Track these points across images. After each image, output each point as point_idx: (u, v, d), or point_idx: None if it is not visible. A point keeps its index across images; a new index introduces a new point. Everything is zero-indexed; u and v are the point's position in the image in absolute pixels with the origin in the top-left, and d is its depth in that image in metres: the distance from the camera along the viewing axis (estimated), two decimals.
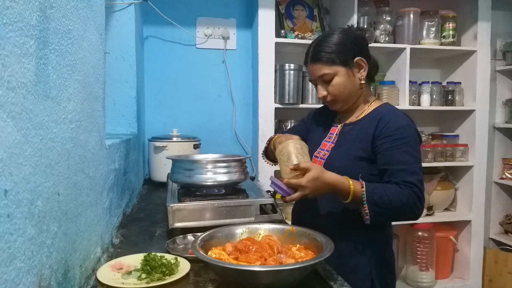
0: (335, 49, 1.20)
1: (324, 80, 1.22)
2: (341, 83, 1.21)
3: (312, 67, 1.24)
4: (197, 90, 2.48)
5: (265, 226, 1.08)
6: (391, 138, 1.14)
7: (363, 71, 1.23)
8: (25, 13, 0.54)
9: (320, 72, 1.21)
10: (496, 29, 2.67)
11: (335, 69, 1.20)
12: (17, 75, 0.52)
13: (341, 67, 1.20)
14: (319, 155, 1.29)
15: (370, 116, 1.23)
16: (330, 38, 1.22)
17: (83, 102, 0.85)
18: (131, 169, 1.66)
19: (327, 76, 1.21)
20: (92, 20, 0.94)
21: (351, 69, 1.22)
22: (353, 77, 1.22)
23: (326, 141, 1.31)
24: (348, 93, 1.23)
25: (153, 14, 2.29)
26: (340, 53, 1.20)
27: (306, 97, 2.40)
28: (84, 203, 0.87)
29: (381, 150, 1.15)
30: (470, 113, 2.60)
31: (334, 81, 1.21)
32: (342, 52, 1.20)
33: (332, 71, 1.20)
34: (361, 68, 1.23)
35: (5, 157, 0.48)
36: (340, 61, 1.20)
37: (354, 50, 1.21)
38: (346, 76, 1.21)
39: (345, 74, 1.21)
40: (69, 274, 0.75)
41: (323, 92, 1.24)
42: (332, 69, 1.20)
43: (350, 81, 1.22)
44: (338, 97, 1.23)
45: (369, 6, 2.46)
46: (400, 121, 1.16)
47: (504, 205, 2.93)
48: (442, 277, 2.66)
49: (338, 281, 0.91)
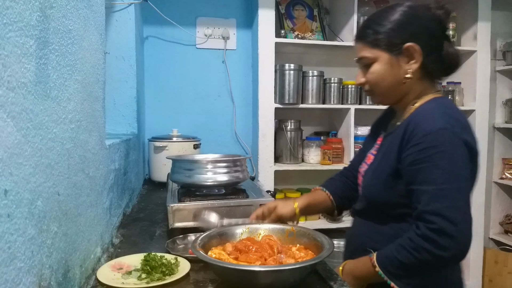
0: (385, 29, 0.96)
1: (363, 63, 1.01)
2: (379, 71, 0.98)
3: (356, 46, 1.03)
4: (197, 90, 2.48)
5: (265, 226, 1.08)
6: (417, 148, 0.88)
7: (413, 63, 0.96)
8: (25, 13, 0.54)
9: (360, 53, 1.01)
10: (496, 29, 2.67)
11: (377, 54, 0.98)
12: (17, 75, 0.52)
13: (384, 52, 0.97)
14: (361, 171, 1.11)
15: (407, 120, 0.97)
16: (386, 14, 0.98)
17: (83, 102, 0.85)
18: (131, 169, 1.66)
19: (365, 60, 1.00)
20: (92, 20, 0.94)
21: (396, 57, 0.97)
22: (397, 67, 0.97)
23: (371, 153, 1.09)
24: (387, 86, 1.00)
25: (153, 14, 2.29)
26: (388, 35, 0.96)
27: (306, 97, 2.40)
28: (84, 203, 0.87)
29: (406, 165, 0.91)
30: (470, 113, 2.60)
31: (373, 68, 0.99)
32: (392, 33, 0.96)
33: (372, 55, 0.98)
34: (411, 58, 0.96)
35: (5, 157, 0.48)
36: (385, 45, 0.96)
37: (410, 33, 0.95)
38: (388, 65, 0.97)
39: (388, 61, 0.97)
40: (69, 274, 0.75)
41: (361, 79, 1.03)
42: (373, 52, 0.98)
43: (391, 72, 0.98)
44: (375, 88, 1.02)
45: (369, 6, 2.46)
46: (431, 123, 0.89)
47: (504, 205, 2.93)
48: None
49: (338, 281, 0.91)
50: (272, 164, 2.31)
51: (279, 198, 2.13)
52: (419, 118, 0.93)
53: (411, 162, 0.90)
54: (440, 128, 0.88)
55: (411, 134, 0.91)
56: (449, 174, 0.86)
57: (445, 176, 0.86)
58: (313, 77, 2.38)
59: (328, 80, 2.43)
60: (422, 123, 0.91)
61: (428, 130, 0.88)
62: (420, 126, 0.90)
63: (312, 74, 2.38)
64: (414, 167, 0.89)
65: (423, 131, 0.89)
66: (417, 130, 0.90)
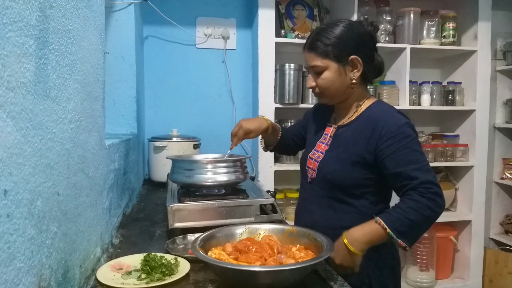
0: (332, 43, 1.15)
1: (315, 71, 1.20)
2: (330, 78, 1.17)
3: (307, 55, 1.21)
4: (197, 90, 2.48)
5: (265, 226, 1.08)
6: (396, 139, 1.10)
7: (356, 71, 1.18)
8: (25, 13, 0.54)
9: (312, 62, 1.18)
10: (496, 29, 2.67)
11: (327, 63, 1.16)
12: (17, 75, 0.52)
13: (333, 62, 1.16)
14: (313, 157, 1.27)
15: (363, 117, 1.20)
16: (331, 30, 1.17)
17: (83, 102, 0.85)
18: (131, 169, 1.66)
19: (317, 68, 1.18)
20: (92, 20, 0.93)
21: (343, 67, 1.17)
22: (344, 75, 1.18)
23: (321, 142, 1.29)
24: (336, 89, 1.19)
25: (153, 14, 2.29)
26: (336, 48, 1.15)
27: (306, 97, 2.40)
28: (84, 203, 0.87)
29: (389, 153, 1.10)
30: (471, 113, 2.60)
31: (324, 74, 1.18)
32: (338, 47, 1.15)
33: (323, 64, 1.17)
34: (355, 67, 1.18)
35: (5, 157, 0.48)
36: (334, 56, 1.16)
37: (352, 47, 1.16)
38: (336, 73, 1.17)
39: (336, 70, 1.17)
40: (68, 274, 0.75)
41: (312, 83, 1.22)
42: (324, 62, 1.16)
43: (340, 79, 1.18)
44: (325, 91, 1.20)
45: (369, 6, 2.46)
46: (397, 120, 1.13)
47: (504, 205, 2.92)
48: (442, 277, 2.66)
49: (338, 281, 0.91)
50: (272, 164, 2.31)
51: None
52: (386, 116, 1.14)
53: (393, 151, 1.10)
54: (405, 122, 1.12)
55: (383, 129, 1.12)
56: (422, 154, 1.11)
57: (422, 156, 1.11)
58: None
59: None
60: (391, 120, 1.13)
61: (399, 124, 1.11)
62: (390, 122, 1.12)
63: None
64: (398, 153, 1.10)
65: (394, 125, 1.11)
66: (388, 125, 1.11)
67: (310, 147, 1.32)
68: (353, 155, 1.16)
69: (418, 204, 1.05)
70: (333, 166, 1.19)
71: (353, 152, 1.16)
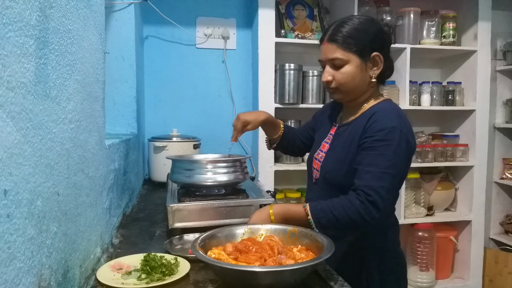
0: (357, 36, 1.10)
1: (334, 64, 1.13)
2: (351, 73, 1.11)
3: (327, 46, 1.13)
4: (197, 90, 2.48)
5: (267, 226, 1.08)
6: (372, 139, 1.07)
7: (376, 69, 1.14)
8: (25, 13, 0.54)
9: (333, 54, 1.12)
10: (496, 29, 2.67)
11: (349, 57, 1.10)
12: (17, 75, 0.51)
13: (356, 57, 1.10)
14: (317, 157, 1.25)
15: (364, 116, 1.15)
16: (355, 23, 1.11)
17: (83, 102, 0.85)
18: (131, 169, 1.66)
19: (338, 61, 1.11)
20: (91, 20, 0.93)
21: (365, 63, 1.12)
22: (365, 71, 1.13)
23: (325, 141, 1.26)
24: (355, 86, 1.14)
25: (153, 14, 2.28)
26: (360, 41, 1.10)
27: (306, 97, 2.40)
28: (84, 203, 0.87)
29: (360, 150, 1.09)
30: (471, 113, 2.60)
31: (345, 68, 1.11)
32: (363, 41, 1.10)
33: (345, 57, 1.10)
34: (376, 65, 1.13)
35: (5, 157, 0.48)
36: (358, 50, 1.10)
37: (375, 43, 1.11)
38: (358, 68, 1.11)
39: (358, 65, 1.11)
40: (68, 274, 0.74)
41: (329, 77, 1.14)
42: (346, 55, 1.10)
43: (360, 75, 1.12)
44: (343, 87, 1.14)
45: (369, 6, 2.46)
46: (387, 121, 1.07)
47: (504, 205, 2.92)
48: (442, 277, 2.66)
49: (338, 282, 0.91)
50: (272, 164, 2.31)
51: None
52: (379, 115, 1.10)
53: (363, 148, 1.08)
54: (393, 127, 1.06)
55: (370, 127, 1.09)
56: (391, 162, 1.04)
57: (387, 163, 1.04)
58: (313, 77, 2.38)
59: None
60: (381, 120, 1.08)
61: (384, 126, 1.06)
62: (378, 122, 1.08)
63: (312, 74, 2.38)
64: (365, 152, 1.08)
65: (379, 126, 1.07)
66: (375, 124, 1.08)
67: (316, 147, 1.30)
68: (350, 154, 1.13)
69: (350, 205, 1.02)
70: (332, 165, 1.18)
71: (350, 151, 1.14)
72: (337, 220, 1.03)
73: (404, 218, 2.48)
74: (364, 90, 1.17)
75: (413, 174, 2.54)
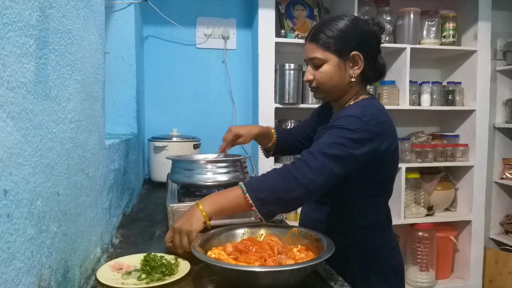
0: (335, 35, 1.11)
1: (314, 63, 1.15)
2: (328, 72, 1.13)
3: (308, 46, 1.16)
4: (197, 90, 2.48)
5: (267, 226, 1.08)
6: (333, 124, 1.05)
7: (356, 68, 1.13)
8: (25, 13, 0.54)
9: (313, 54, 1.14)
10: (496, 29, 2.67)
11: (328, 56, 1.12)
12: (17, 75, 0.52)
13: (334, 56, 1.12)
14: None
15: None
16: (335, 22, 1.13)
17: (83, 102, 0.85)
18: (131, 169, 1.66)
19: (317, 60, 1.13)
20: (92, 20, 0.93)
21: (344, 62, 1.12)
22: (343, 70, 1.13)
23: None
24: (334, 85, 1.14)
25: (153, 14, 2.29)
26: (338, 41, 1.11)
27: (306, 97, 2.40)
28: (84, 203, 0.87)
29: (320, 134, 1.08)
30: (470, 113, 2.60)
31: (323, 68, 1.13)
32: (341, 40, 1.11)
33: (323, 57, 1.12)
34: (355, 64, 1.13)
35: (5, 157, 0.48)
36: (335, 49, 1.11)
37: (355, 43, 1.11)
38: (336, 67, 1.12)
39: (336, 64, 1.12)
40: (69, 274, 0.74)
41: (310, 76, 1.17)
42: (325, 54, 1.12)
43: (339, 74, 1.13)
44: (322, 86, 1.15)
45: (369, 6, 2.46)
46: (348, 112, 1.06)
47: (504, 205, 2.93)
48: (442, 277, 2.66)
49: (338, 281, 0.91)
50: (272, 164, 2.31)
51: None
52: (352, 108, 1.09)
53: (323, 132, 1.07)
54: (350, 115, 1.04)
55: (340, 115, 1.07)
56: (335, 140, 1.00)
57: (331, 140, 1.00)
58: None
59: None
60: (351, 111, 1.06)
61: (349, 114, 1.04)
62: (347, 110, 1.07)
63: None
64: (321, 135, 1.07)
65: (346, 114, 1.05)
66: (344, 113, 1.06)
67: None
68: None
69: (283, 167, 0.99)
70: None
71: None
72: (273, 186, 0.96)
73: (404, 218, 2.48)
74: (345, 89, 1.16)
75: (413, 174, 2.54)
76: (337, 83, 1.14)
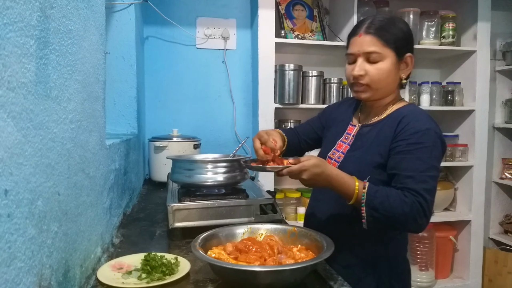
0: (397, 33, 1.08)
1: (368, 58, 1.08)
2: (386, 69, 1.08)
3: (364, 38, 1.08)
4: (197, 90, 2.48)
5: (267, 226, 1.08)
6: (406, 142, 1.03)
7: (407, 70, 1.12)
8: (26, 13, 0.54)
9: (371, 47, 1.07)
10: (496, 29, 2.67)
11: (387, 53, 1.07)
12: (18, 75, 0.52)
13: (393, 54, 1.08)
14: (333, 157, 1.19)
15: (391, 118, 1.11)
16: (394, 21, 1.10)
17: (84, 102, 0.85)
18: (131, 169, 1.66)
19: (374, 55, 1.07)
20: (92, 20, 0.94)
21: (399, 62, 1.10)
22: (397, 70, 1.10)
23: (342, 141, 1.20)
24: (386, 84, 1.10)
25: (153, 14, 2.29)
26: (400, 40, 1.08)
27: (306, 97, 2.40)
28: (85, 203, 0.87)
29: (393, 153, 1.04)
30: (470, 113, 2.60)
31: (380, 64, 1.08)
32: (401, 39, 1.08)
33: (383, 52, 1.07)
34: (407, 66, 1.12)
35: (6, 157, 0.48)
36: (396, 47, 1.08)
37: (411, 45, 1.11)
38: (392, 66, 1.08)
39: (394, 63, 1.09)
40: (69, 274, 0.75)
41: (361, 71, 1.09)
42: (385, 51, 1.07)
43: (393, 73, 1.10)
44: (375, 84, 1.09)
45: (369, 6, 2.46)
46: (420, 124, 1.04)
47: (503, 205, 2.93)
48: (442, 277, 2.66)
49: (338, 281, 0.91)
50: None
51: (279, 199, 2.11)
52: (410, 118, 1.07)
53: (398, 151, 1.04)
54: (427, 129, 1.04)
55: (403, 129, 1.05)
56: (428, 165, 1.01)
57: (424, 166, 1.01)
58: (313, 77, 2.38)
59: (328, 80, 2.43)
60: (413, 122, 1.05)
61: (418, 129, 1.03)
62: (411, 124, 1.05)
63: (312, 74, 2.38)
64: (399, 156, 1.03)
65: (413, 129, 1.04)
66: (408, 127, 1.05)
67: (329, 145, 1.24)
68: (377, 156, 1.08)
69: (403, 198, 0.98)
70: (355, 166, 1.10)
71: (377, 153, 1.08)
72: (391, 208, 0.97)
73: None
74: (393, 90, 1.14)
75: None
76: (390, 82, 1.11)
